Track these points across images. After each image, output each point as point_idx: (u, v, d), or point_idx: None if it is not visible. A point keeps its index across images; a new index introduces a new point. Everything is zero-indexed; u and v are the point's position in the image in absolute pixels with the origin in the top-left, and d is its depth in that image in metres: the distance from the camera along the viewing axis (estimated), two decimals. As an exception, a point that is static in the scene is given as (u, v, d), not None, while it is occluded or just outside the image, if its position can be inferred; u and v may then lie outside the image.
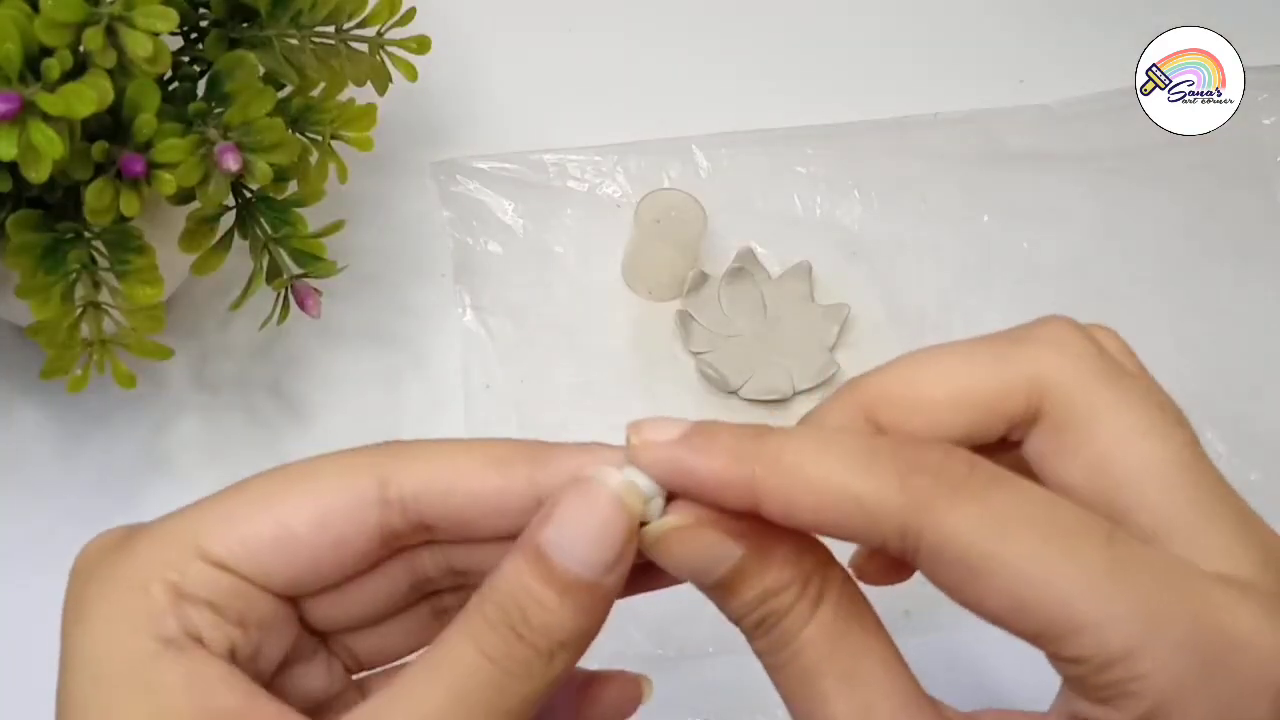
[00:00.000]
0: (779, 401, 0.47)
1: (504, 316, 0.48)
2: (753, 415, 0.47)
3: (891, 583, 0.27)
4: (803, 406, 0.47)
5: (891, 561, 0.27)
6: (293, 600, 0.24)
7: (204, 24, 0.39)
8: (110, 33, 0.32)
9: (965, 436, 0.24)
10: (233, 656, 0.23)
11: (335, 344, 0.48)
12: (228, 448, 0.45)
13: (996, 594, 0.21)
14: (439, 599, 0.27)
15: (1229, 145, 0.53)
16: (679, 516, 0.23)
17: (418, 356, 0.48)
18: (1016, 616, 0.21)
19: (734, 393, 0.47)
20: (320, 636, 0.26)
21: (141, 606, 0.22)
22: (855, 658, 0.23)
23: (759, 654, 0.24)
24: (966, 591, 0.21)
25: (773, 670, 0.24)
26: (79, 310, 0.36)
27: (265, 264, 0.40)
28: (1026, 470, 0.24)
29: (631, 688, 0.27)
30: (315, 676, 0.26)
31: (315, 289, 0.40)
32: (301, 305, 0.40)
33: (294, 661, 0.25)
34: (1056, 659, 0.21)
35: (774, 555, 0.23)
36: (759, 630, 0.23)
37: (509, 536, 0.24)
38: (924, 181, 0.53)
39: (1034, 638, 0.21)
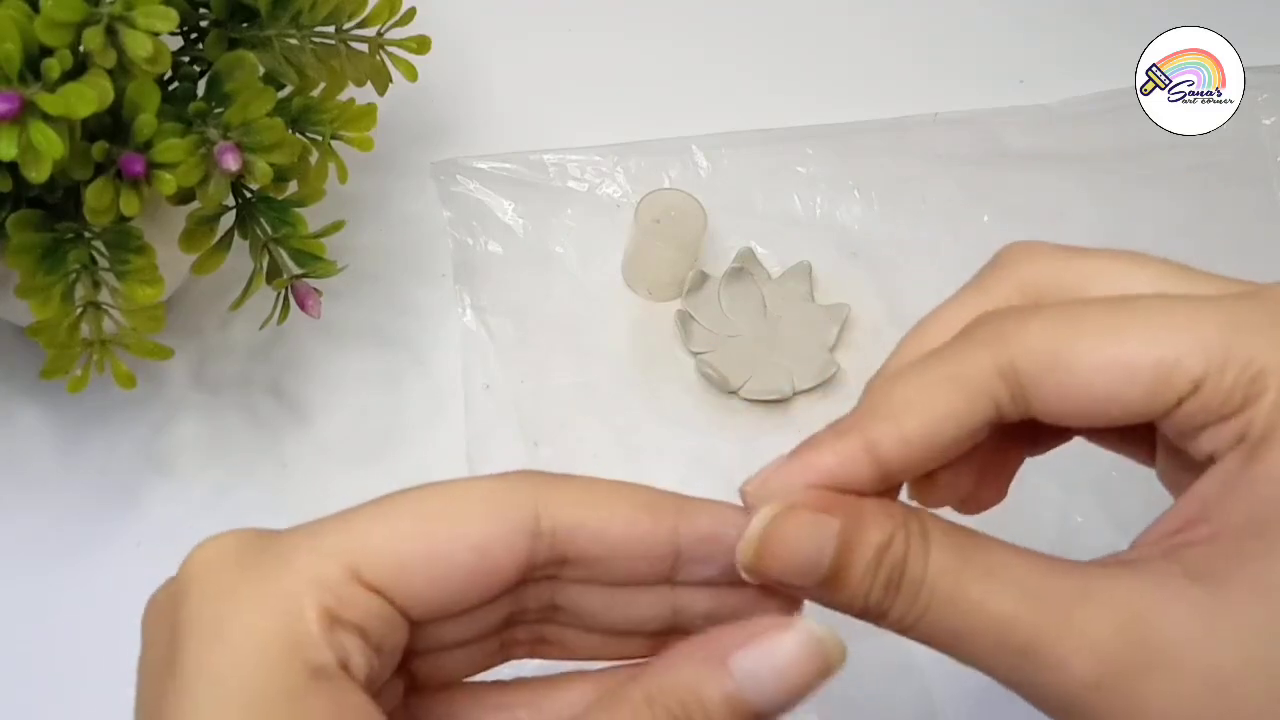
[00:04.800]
0: (779, 401, 0.47)
1: (504, 316, 0.48)
2: (753, 415, 0.47)
3: (990, 506, 0.28)
4: (803, 406, 0.47)
5: (984, 481, 0.27)
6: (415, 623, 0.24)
7: (204, 24, 0.39)
8: (110, 33, 0.32)
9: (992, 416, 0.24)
10: (370, 685, 0.22)
11: (335, 344, 0.48)
12: (228, 448, 0.45)
13: (1097, 371, 0.22)
14: (510, 631, 0.26)
15: (1229, 145, 0.53)
16: (768, 509, 0.23)
17: (418, 356, 0.48)
18: (1123, 384, 0.22)
19: (734, 393, 0.47)
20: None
21: (295, 631, 0.21)
22: (987, 558, 0.23)
23: (898, 624, 0.23)
24: (1072, 386, 0.22)
25: (918, 626, 0.23)
26: (79, 310, 0.36)
27: (265, 264, 0.40)
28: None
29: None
30: (386, 699, 0.25)
31: (315, 289, 0.40)
32: (301, 305, 0.40)
33: None
34: (1178, 407, 0.22)
35: (867, 513, 0.23)
36: (889, 591, 0.23)
37: (633, 581, 0.24)
38: (924, 181, 0.53)
39: (1151, 397, 0.22)
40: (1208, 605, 0.21)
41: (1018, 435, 0.27)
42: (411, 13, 0.42)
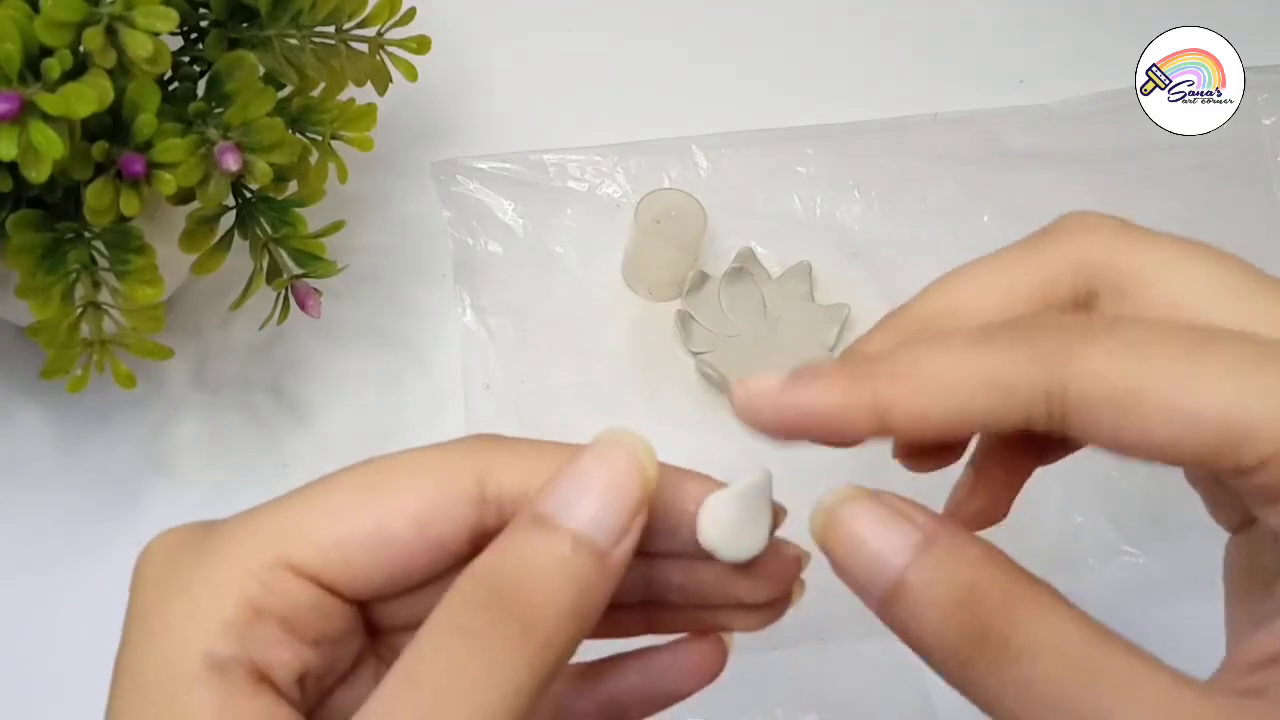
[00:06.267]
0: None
1: (504, 316, 0.48)
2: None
3: (991, 524, 0.26)
4: (803, 406, 0.47)
5: (989, 498, 0.26)
6: (365, 604, 0.23)
7: (204, 24, 0.39)
8: (110, 33, 0.32)
9: None
10: (302, 681, 0.22)
11: (335, 344, 0.48)
12: (228, 448, 0.45)
13: (1158, 422, 0.19)
14: None
15: (1229, 145, 0.53)
16: (854, 488, 0.22)
17: (418, 356, 0.48)
18: (1186, 437, 0.19)
19: (734, 393, 0.47)
20: (372, 634, 0.24)
21: (206, 618, 0.21)
22: (1117, 669, 0.20)
23: (981, 681, 0.20)
24: (1127, 430, 0.20)
25: (1001, 698, 0.20)
26: (79, 310, 0.36)
27: (265, 264, 0.40)
28: None
29: (709, 652, 0.25)
30: (363, 686, 0.24)
31: (315, 289, 0.40)
32: (301, 305, 0.40)
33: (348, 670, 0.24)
34: (1241, 475, 0.20)
35: (959, 542, 0.21)
36: (965, 638, 0.20)
37: None
38: (924, 181, 0.53)
39: (1213, 456, 0.19)
40: None
41: (1029, 446, 0.26)
42: (411, 13, 0.42)
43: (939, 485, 0.27)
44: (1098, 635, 0.20)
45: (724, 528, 0.23)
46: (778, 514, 0.24)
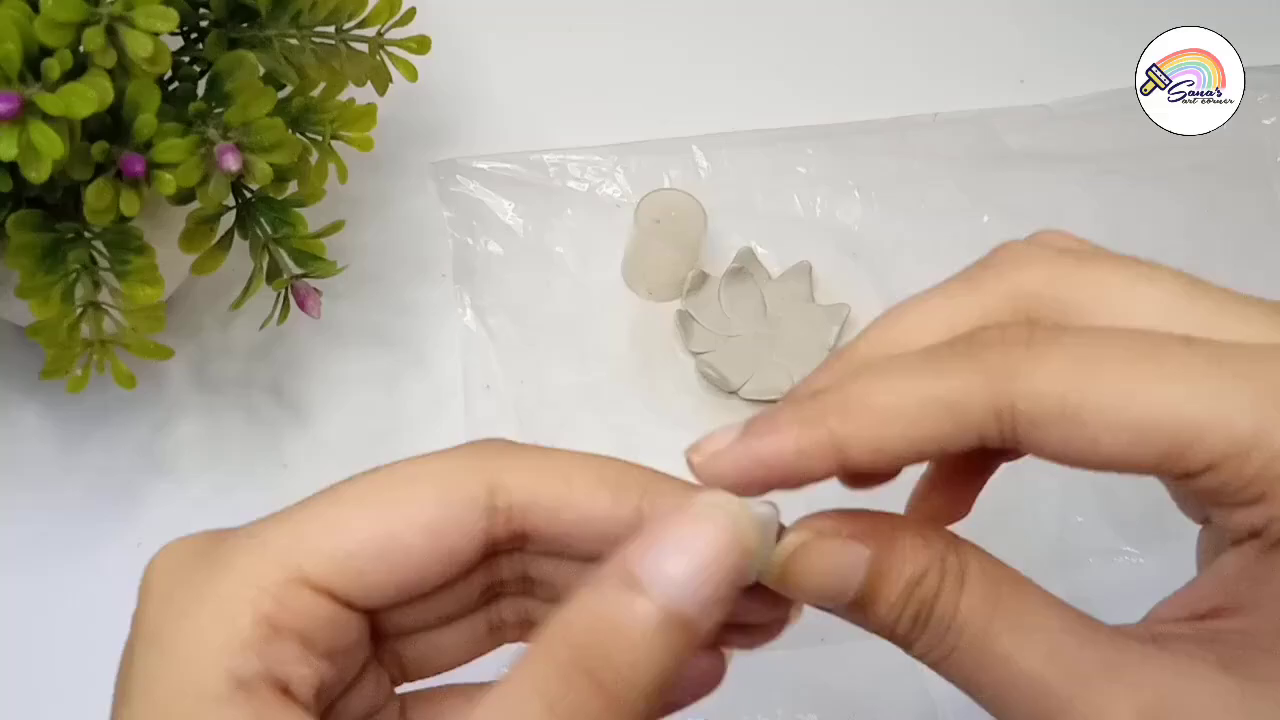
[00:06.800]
0: (779, 402, 0.47)
1: (504, 316, 0.48)
2: (753, 415, 0.47)
3: (953, 521, 0.27)
4: (803, 406, 0.47)
5: (951, 495, 0.26)
6: (372, 612, 0.23)
7: (204, 24, 0.39)
8: (110, 33, 0.32)
9: None
10: (318, 694, 0.21)
11: (335, 344, 0.48)
12: (228, 448, 0.45)
13: (1108, 430, 0.20)
14: (496, 608, 0.25)
15: (1229, 145, 0.53)
16: (798, 534, 0.22)
17: (418, 356, 0.48)
18: (1134, 447, 0.20)
19: (734, 393, 0.47)
20: (373, 639, 0.24)
21: (225, 637, 0.20)
22: (1020, 609, 0.21)
23: (923, 657, 0.22)
24: (1075, 443, 0.20)
25: (942, 664, 0.22)
26: (79, 310, 0.36)
27: (265, 264, 0.40)
28: None
29: (709, 666, 0.25)
30: (365, 693, 0.24)
31: (315, 289, 0.40)
32: (301, 305, 0.40)
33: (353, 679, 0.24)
34: (1191, 478, 0.20)
35: (903, 544, 0.22)
36: (915, 628, 0.22)
37: (599, 557, 0.21)
38: (924, 181, 0.53)
39: (1161, 463, 0.20)
40: (1239, 696, 0.20)
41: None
42: (411, 13, 0.42)
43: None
44: (1007, 577, 0.22)
45: None
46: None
